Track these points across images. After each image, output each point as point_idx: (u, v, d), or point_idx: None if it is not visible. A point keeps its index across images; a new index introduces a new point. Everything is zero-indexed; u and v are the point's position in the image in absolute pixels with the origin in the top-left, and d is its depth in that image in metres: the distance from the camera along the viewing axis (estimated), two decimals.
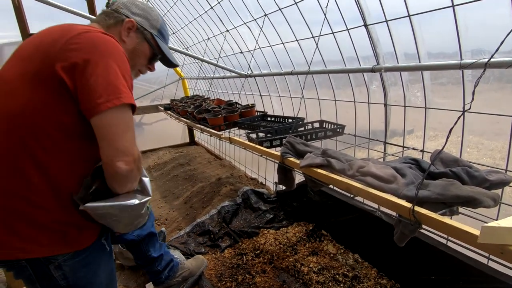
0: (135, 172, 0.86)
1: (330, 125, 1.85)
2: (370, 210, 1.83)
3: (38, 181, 0.83)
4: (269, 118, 2.38)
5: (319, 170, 1.15)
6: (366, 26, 1.58)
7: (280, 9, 2.08)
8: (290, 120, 2.12)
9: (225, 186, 3.06)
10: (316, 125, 1.95)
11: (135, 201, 0.90)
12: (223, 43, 3.11)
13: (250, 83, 3.30)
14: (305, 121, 2.03)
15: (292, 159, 1.32)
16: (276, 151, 1.48)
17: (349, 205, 1.98)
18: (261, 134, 1.85)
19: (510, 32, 0.75)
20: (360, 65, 1.78)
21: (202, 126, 2.35)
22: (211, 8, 2.87)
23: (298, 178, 1.63)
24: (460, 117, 0.80)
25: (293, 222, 2.39)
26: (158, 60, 1.16)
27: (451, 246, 1.46)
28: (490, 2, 1.17)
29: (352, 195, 1.07)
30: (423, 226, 0.82)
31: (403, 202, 0.85)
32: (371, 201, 0.97)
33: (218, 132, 2.14)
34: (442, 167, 1.05)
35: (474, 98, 0.76)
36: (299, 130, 1.89)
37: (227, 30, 2.95)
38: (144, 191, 0.96)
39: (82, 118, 0.83)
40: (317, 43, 1.78)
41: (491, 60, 0.96)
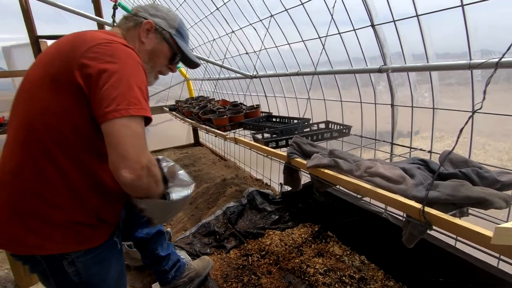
0: (146, 179, 0.83)
1: (336, 126, 1.85)
2: (377, 212, 1.82)
3: (57, 182, 0.85)
4: (274, 119, 2.38)
5: (326, 171, 1.14)
6: (373, 26, 1.57)
7: (286, 9, 2.09)
8: (295, 121, 2.12)
9: (230, 187, 3.06)
10: (322, 126, 1.94)
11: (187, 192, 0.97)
12: (229, 44, 3.12)
13: (256, 84, 3.31)
14: (310, 122, 2.03)
15: (298, 160, 1.32)
16: (282, 152, 1.47)
17: (355, 206, 1.97)
18: (266, 135, 1.85)
19: None
20: (367, 65, 1.78)
21: (207, 127, 2.36)
22: (217, 9, 2.88)
23: (303, 179, 1.62)
24: (470, 117, 0.79)
25: (298, 223, 2.38)
26: (179, 60, 1.16)
27: (460, 247, 1.45)
28: (500, 2, 1.16)
29: (360, 196, 1.07)
30: (431, 228, 0.81)
31: (413, 203, 0.84)
32: (380, 202, 0.96)
33: (223, 132, 2.14)
34: (452, 168, 1.04)
35: (485, 97, 0.75)
36: (305, 131, 1.88)
37: (233, 31, 2.96)
38: (183, 184, 1.00)
39: (97, 123, 0.84)
40: (323, 44, 1.77)
41: (502, 59, 0.95)
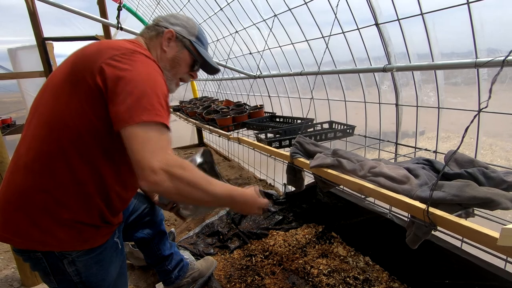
0: (167, 184, 0.79)
1: (340, 125, 1.84)
2: (381, 212, 1.80)
3: (67, 181, 0.87)
4: (277, 119, 2.38)
5: (330, 171, 1.13)
6: (377, 25, 1.56)
7: (290, 9, 2.08)
8: (299, 121, 2.11)
9: None
10: (325, 125, 1.93)
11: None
12: (232, 44, 3.13)
13: (259, 84, 3.31)
14: (314, 122, 2.02)
15: (301, 159, 1.31)
16: (285, 152, 1.47)
17: (359, 207, 1.95)
18: (270, 135, 1.84)
19: None
20: (371, 65, 1.76)
21: (211, 127, 2.36)
22: (221, 9, 2.89)
23: (307, 180, 1.61)
24: (476, 115, 0.78)
25: (302, 223, 2.37)
26: (200, 67, 1.18)
27: (466, 249, 1.43)
28: (506, 0, 1.14)
29: (364, 196, 1.06)
30: (436, 228, 0.80)
31: (417, 203, 0.83)
32: (384, 202, 0.95)
33: (226, 132, 2.15)
34: (457, 168, 1.03)
35: (491, 96, 0.74)
36: (309, 131, 1.88)
37: (237, 31, 2.96)
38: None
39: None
40: (327, 43, 1.77)
41: (508, 57, 0.94)
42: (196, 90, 5.37)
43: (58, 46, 3.56)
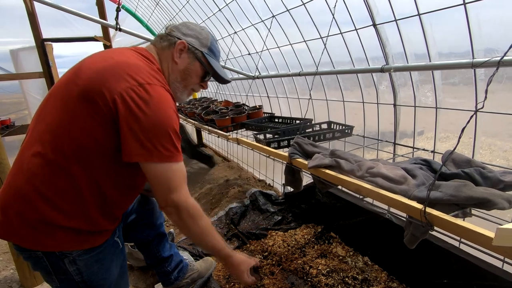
0: (175, 217, 0.99)
1: (338, 126, 1.84)
2: (380, 212, 1.80)
3: (67, 189, 0.89)
4: (276, 120, 2.38)
5: (328, 171, 1.14)
6: (375, 26, 1.57)
7: (288, 10, 2.09)
8: (297, 121, 2.11)
9: (233, 187, 3.06)
10: (324, 126, 1.94)
11: None
12: (231, 45, 3.13)
13: (258, 85, 3.31)
14: (313, 122, 2.02)
15: (300, 160, 1.32)
16: (283, 152, 1.47)
17: (358, 207, 1.96)
18: (268, 135, 1.84)
19: None
20: (369, 65, 1.77)
21: (210, 127, 2.37)
22: (219, 10, 2.89)
23: (306, 180, 1.62)
24: (472, 116, 0.78)
25: (301, 224, 2.37)
26: (211, 77, 1.19)
27: (464, 249, 1.43)
28: (502, 1, 1.15)
29: (361, 197, 1.06)
30: (435, 228, 0.80)
31: (414, 203, 0.84)
32: (382, 202, 0.95)
33: (225, 133, 2.15)
34: (454, 168, 1.03)
35: (487, 97, 0.74)
36: (307, 131, 1.88)
37: (235, 32, 2.97)
38: None
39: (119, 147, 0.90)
40: (325, 44, 1.77)
41: (504, 58, 0.94)
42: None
43: (57, 47, 3.56)
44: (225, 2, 2.68)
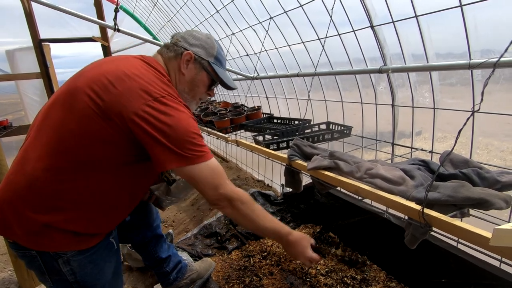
0: (229, 209, 1.00)
1: (337, 126, 1.85)
2: (378, 212, 1.81)
3: (69, 194, 0.89)
4: (275, 120, 2.38)
5: (327, 173, 1.14)
6: (372, 27, 1.58)
7: (285, 11, 2.09)
8: (296, 122, 2.12)
9: None
10: (322, 126, 1.94)
11: None
12: (229, 46, 3.13)
13: (256, 85, 3.31)
14: (311, 122, 2.03)
15: (299, 162, 1.32)
16: (283, 154, 1.47)
17: (357, 207, 1.96)
18: (267, 136, 1.85)
19: None
20: (367, 66, 1.78)
21: (209, 129, 2.37)
22: (217, 12, 2.89)
23: (305, 180, 1.62)
24: (469, 117, 0.79)
25: (300, 224, 2.38)
26: (217, 85, 1.20)
27: (462, 248, 1.44)
28: (499, 2, 1.16)
29: (360, 198, 1.07)
30: (431, 229, 0.81)
31: (413, 205, 0.84)
32: (380, 203, 0.96)
33: (224, 134, 2.15)
34: (452, 169, 1.04)
35: (483, 99, 0.75)
36: (306, 132, 1.88)
37: (233, 33, 2.97)
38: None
39: (129, 156, 0.92)
40: (323, 45, 1.78)
41: (501, 59, 0.95)
42: None
43: (55, 47, 3.54)
44: (222, 3, 2.69)
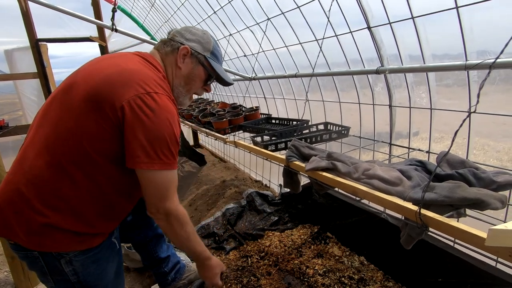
0: (164, 223, 1.02)
1: (335, 127, 1.85)
2: (376, 212, 1.82)
3: (68, 193, 0.90)
4: (273, 121, 2.38)
5: (325, 174, 1.15)
6: (369, 28, 1.58)
7: (283, 13, 2.09)
8: (294, 122, 2.12)
9: (229, 188, 3.07)
10: (320, 127, 1.95)
11: None
12: (227, 47, 3.13)
13: (254, 86, 3.32)
14: (309, 123, 2.03)
15: (297, 163, 1.32)
16: (281, 155, 1.48)
17: (354, 207, 1.97)
18: (266, 137, 1.85)
19: None
20: (364, 67, 1.78)
21: (208, 130, 2.37)
22: (214, 12, 2.89)
23: (303, 180, 1.63)
24: (466, 118, 0.80)
25: (298, 224, 2.38)
26: (214, 80, 1.20)
27: (458, 248, 1.45)
28: (495, 3, 1.17)
29: (358, 198, 1.07)
30: (428, 230, 0.82)
31: (410, 205, 0.85)
32: (378, 204, 0.97)
33: (223, 135, 2.15)
34: (449, 169, 1.05)
35: (479, 100, 0.76)
36: (304, 132, 1.89)
37: (231, 34, 2.97)
38: None
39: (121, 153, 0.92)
40: (320, 46, 1.78)
41: (497, 60, 0.96)
42: None
43: (52, 47, 3.53)
44: (220, 4, 2.68)
